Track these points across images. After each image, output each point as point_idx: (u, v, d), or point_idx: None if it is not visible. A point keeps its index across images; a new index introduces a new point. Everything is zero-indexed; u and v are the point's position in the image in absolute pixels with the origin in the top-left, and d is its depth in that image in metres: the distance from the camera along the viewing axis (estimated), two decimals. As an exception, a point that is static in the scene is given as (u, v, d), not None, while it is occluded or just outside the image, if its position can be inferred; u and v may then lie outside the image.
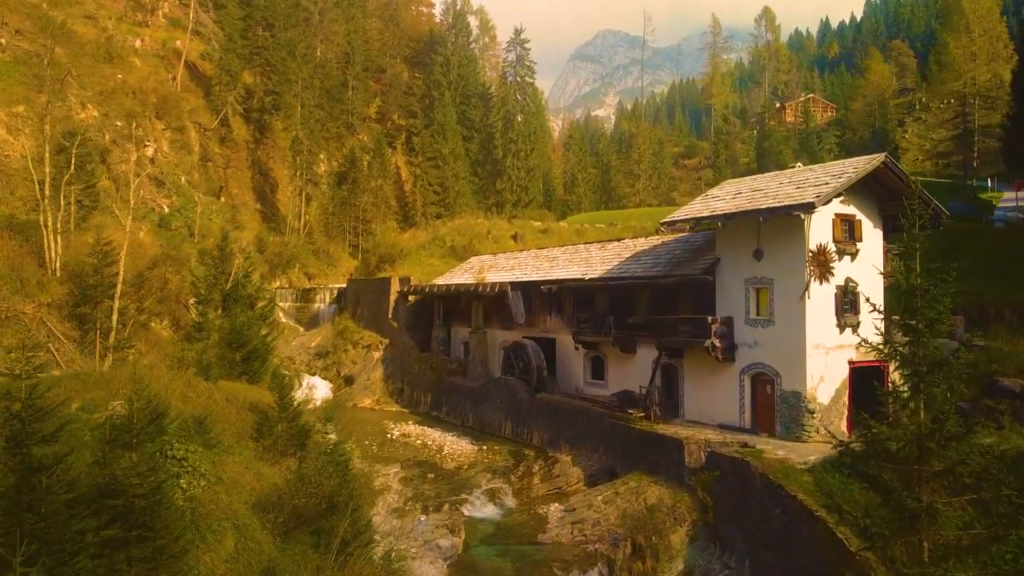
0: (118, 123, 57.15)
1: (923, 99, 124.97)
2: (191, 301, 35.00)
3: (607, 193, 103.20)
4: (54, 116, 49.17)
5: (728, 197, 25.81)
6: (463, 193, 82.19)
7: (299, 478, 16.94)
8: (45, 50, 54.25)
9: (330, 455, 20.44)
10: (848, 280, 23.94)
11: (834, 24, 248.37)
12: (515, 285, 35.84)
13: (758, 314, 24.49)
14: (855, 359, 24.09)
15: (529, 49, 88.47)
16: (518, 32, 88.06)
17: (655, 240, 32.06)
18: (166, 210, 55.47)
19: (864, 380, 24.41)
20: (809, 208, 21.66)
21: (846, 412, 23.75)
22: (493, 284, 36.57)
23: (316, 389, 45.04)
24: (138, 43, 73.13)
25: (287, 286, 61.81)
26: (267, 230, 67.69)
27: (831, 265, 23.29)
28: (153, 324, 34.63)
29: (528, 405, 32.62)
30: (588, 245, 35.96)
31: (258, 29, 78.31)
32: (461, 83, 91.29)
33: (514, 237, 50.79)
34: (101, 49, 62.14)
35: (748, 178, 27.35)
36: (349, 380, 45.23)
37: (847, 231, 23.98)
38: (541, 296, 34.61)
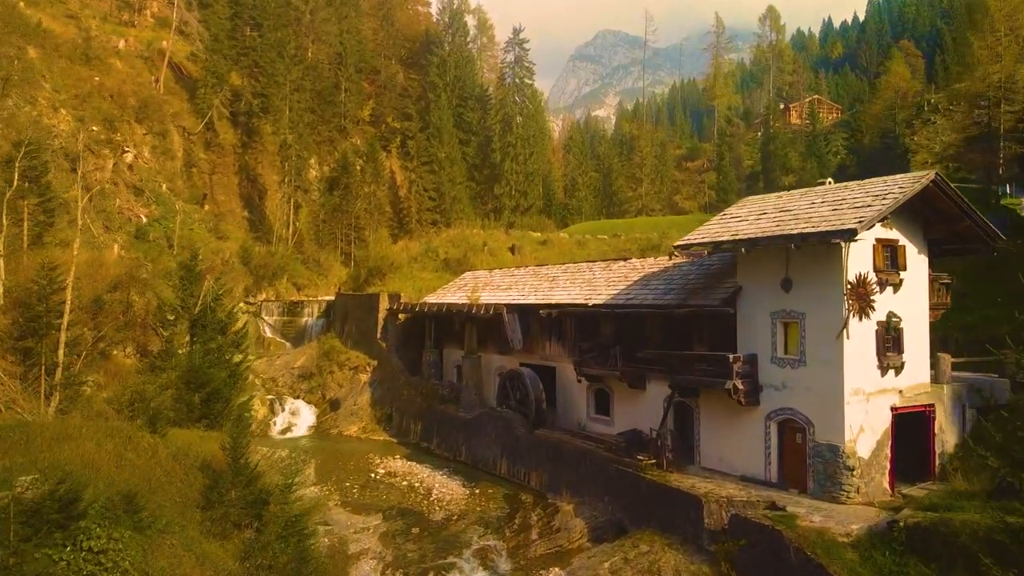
0: (94, 128, 54.13)
1: (932, 100, 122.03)
2: (158, 327, 31.97)
3: (608, 198, 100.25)
4: (20, 121, 46.38)
5: (751, 218, 22.80)
6: (459, 199, 79.19)
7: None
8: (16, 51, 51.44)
9: (290, 527, 17.54)
10: (891, 315, 20.95)
11: (836, 24, 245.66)
12: (511, 308, 32.85)
13: (786, 352, 21.49)
14: (898, 405, 21.10)
15: (528, 50, 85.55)
16: (516, 32, 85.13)
17: (665, 261, 29.04)
18: (144, 220, 52.47)
19: (905, 427, 21.51)
20: (850, 235, 18.66)
21: (888, 466, 20.75)
22: (488, 306, 33.58)
23: (300, 415, 42.22)
24: (122, 44, 70.10)
25: (274, 299, 58.81)
26: (253, 240, 64.60)
27: (872, 298, 20.28)
28: (115, 352, 31.64)
29: (525, 442, 29.63)
30: (592, 264, 32.97)
31: (246, 29, 75.30)
32: (458, 85, 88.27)
33: (512, 249, 47.81)
34: (78, 50, 59.11)
35: (772, 196, 24.33)
36: (335, 404, 42.24)
37: (889, 258, 20.99)
38: (540, 320, 31.63)
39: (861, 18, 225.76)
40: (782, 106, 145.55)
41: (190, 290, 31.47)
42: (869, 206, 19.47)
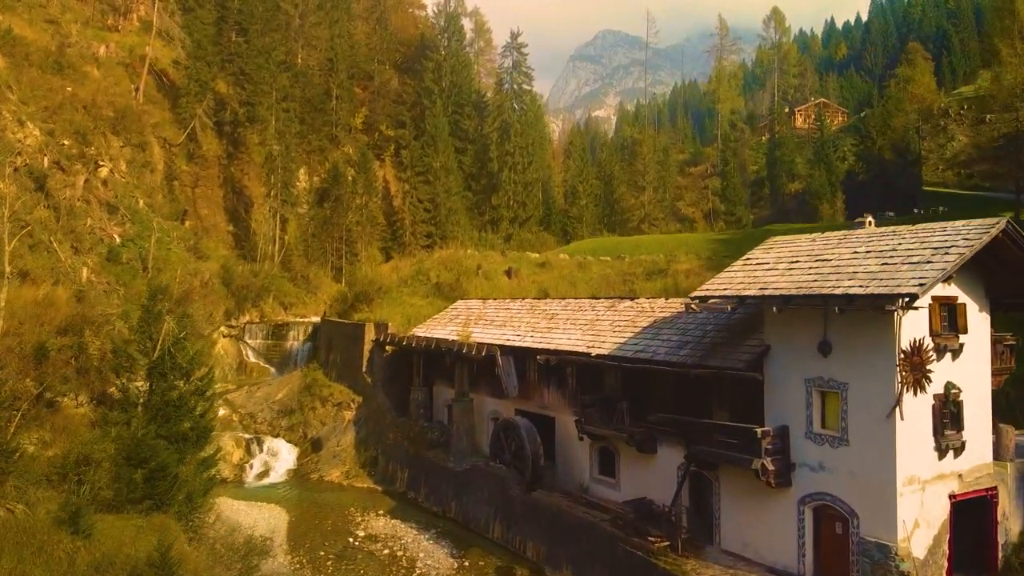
0: (65, 142, 51.02)
1: (943, 104, 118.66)
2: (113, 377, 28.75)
3: (610, 206, 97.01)
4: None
5: (781, 266, 19.63)
6: (455, 210, 75.99)
7: None
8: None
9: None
10: (949, 385, 17.79)
11: (839, 24, 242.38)
12: (506, 350, 29.68)
13: (824, 427, 18.33)
14: (958, 491, 17.95)
15: (527, 54, 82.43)
16: (515, 36, 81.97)
17: (676, 303, 25.87)
18: (117, 240, 49.24)
19: (963, 514, 18.33)
20: (909, 301, 15.49)
21: (946, 564, 17.60)
22: (480, 346, 30.41)
23: (279, 456, 39.06)
24: (102, 50, 66.95)
25: (258, 320, 55.67)
26: (238, 256, 61.53)
27: (928, 368, 17.11)
28: (65, 402, 28.44)
29: (521, 505, 26.47)
30: (595, 303, 29.80)
31: (231, 34, 72.14)
32: (454, 91, 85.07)
33: (508, 272, 44.65)
34: (50, 59, 55.91)
35: (804, 238, 21.10)
36: (316, 445, 39.07)
37: (948, 320, 17.83)
38: (538, 365, 28.48)
39: (864, 18, 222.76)
40: (787, 110, 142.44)
41: (149, 332, 28.35)
42: (928, 262, 16.28)
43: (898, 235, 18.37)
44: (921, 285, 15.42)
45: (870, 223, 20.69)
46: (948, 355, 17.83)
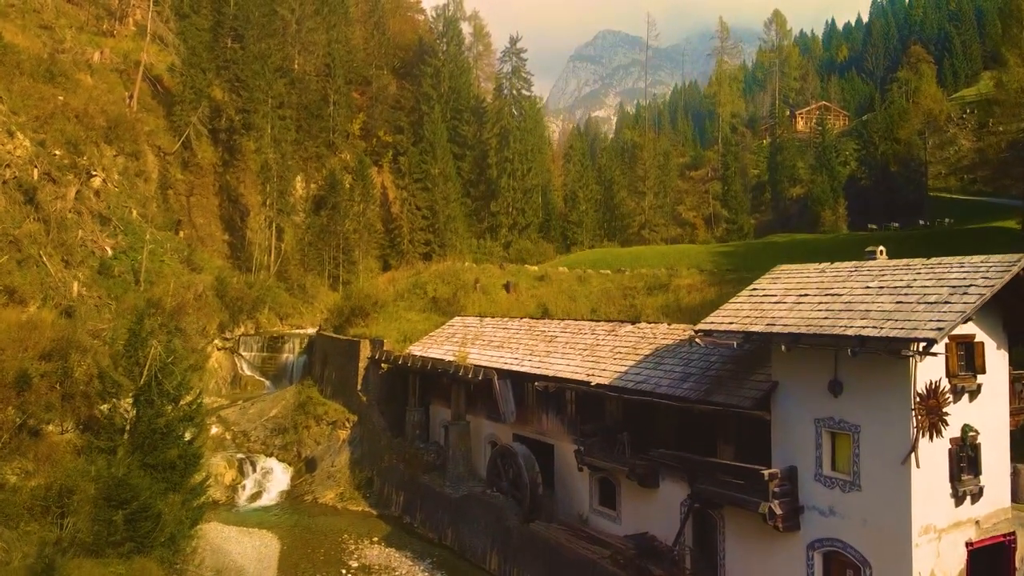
0: (56, 152, 50.16)
1: (945, 109, 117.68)
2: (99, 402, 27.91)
3: (610, 211, 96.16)
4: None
5: (789, 299, 18.81)
6: (454, 217, 75.18)
7: None
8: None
9: None
10: (966, 428, 16.98)
11: (839, 25, 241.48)
12: (503, 374, 28.86)
13: (835, 470, 17.52)
14: (975, 539, 17.14)
15: (525, 60, 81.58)
16: (514, 41, 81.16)
17: (679, 330, 25.04)
18: (109, 252, 48.44)
19: (979, 561, 17.52)
20: (926, 347, 14.68)
21: (963, 615, 16.79)
22: (477, 369, 29.61)
23: (272, 476, 38.25)
24: (96, 56, 66.11)
25: (253, 332, 54.88)
26: (233, 266, 60.73)
27: (945, 411, 16.29)
28: (50, 429, 27.63)
29: (519, 536, 25.65)
30: (595, 326, 28.97)
31: (227, 40, 71.29)
32: (452, 96, 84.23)
33: (506, 287, 43.83)
34: (42, 67, 55.03)
35: (813, 268, 20.23)
36: (311, 465, 38.25)
37: (965, 359, 17.03)
38: (536, 389, 27.66)
39: (865, 19, 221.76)
40: (788, 112, 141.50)
41: (136, 356, 27.56)
42: (946, 302, 15.46)
43: (912, 269, 17.54)
44: (939, 330, 14.60)
45: (881, 252, 19.87)
46: (965, 396, 17.02)
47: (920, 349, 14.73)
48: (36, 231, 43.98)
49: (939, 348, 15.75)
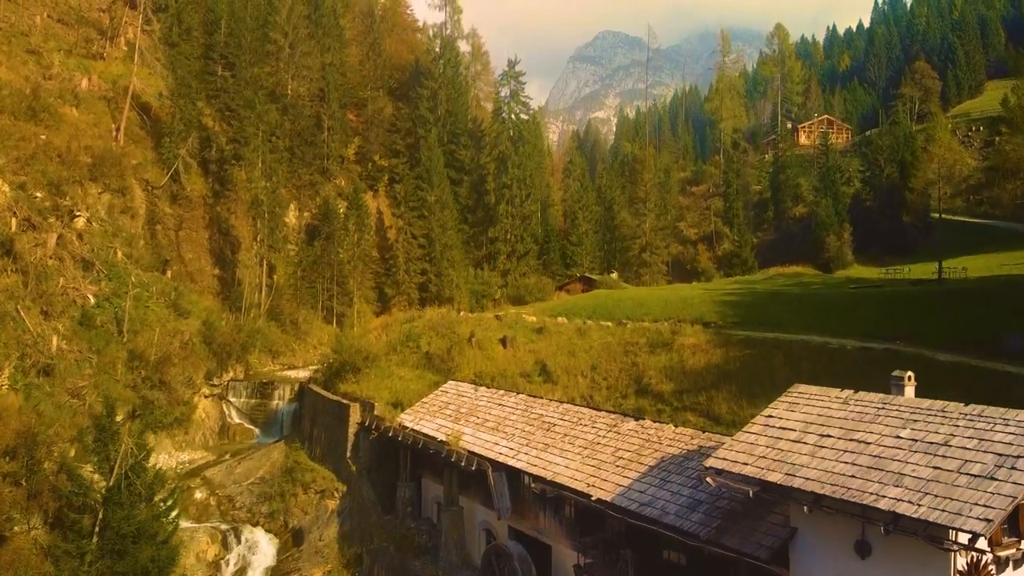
0: (37, 195, 48.44)
1: (949, 125, 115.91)
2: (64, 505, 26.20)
3: (611, 231, 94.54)
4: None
5: (809, 440, 17.10)
6: (451, 246, 73.39)
7: None
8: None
9: None
10: (1009, 603, 15.28)
11: (840, 30, 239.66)
12: (498, 465, 27.15)
13: (862, 639, 15.81)
14: None
15: (524, 83, 79.79)
16: (512, 64, 79.37)
17: (686, 436, 23.33)
18: (92, 301, 46.70)
19: None
20: (970, 542, 12.97)
21: None
22: (471, 458, 27.94)
23: (258, 549, 36.57)
24: (84, 83, 64.29)
25: (242, 378, 53.21)
26: (222, 307, 58.90)
27: (987, 588, 14.58)
28: (15, 530, 25.93)
29: (514, 649, 24.01)
30: (595, 416, 27.27)
31: (217, 68, 69.48)
32: (450, 119, 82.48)
33: (503, 341, 42.15)
34: (24, 103, 53.21)
35: (835, 397, 18.43)
36: (298, 537, 36.57)
37: (1009, 524, 15.26)
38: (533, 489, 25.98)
39: (866, 24, 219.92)
40: (790, 126, 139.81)
41: (105, 452, 25.91)
42: (992, 478, 13.76)
43: (949, 419, 15.81)
44: (987, 521, 12.92)
45: (909, 378, 18.15)
46: (1009, 566, 15.31)
47: (964, 546, 13.02)
48: (13, 284, 42.29)
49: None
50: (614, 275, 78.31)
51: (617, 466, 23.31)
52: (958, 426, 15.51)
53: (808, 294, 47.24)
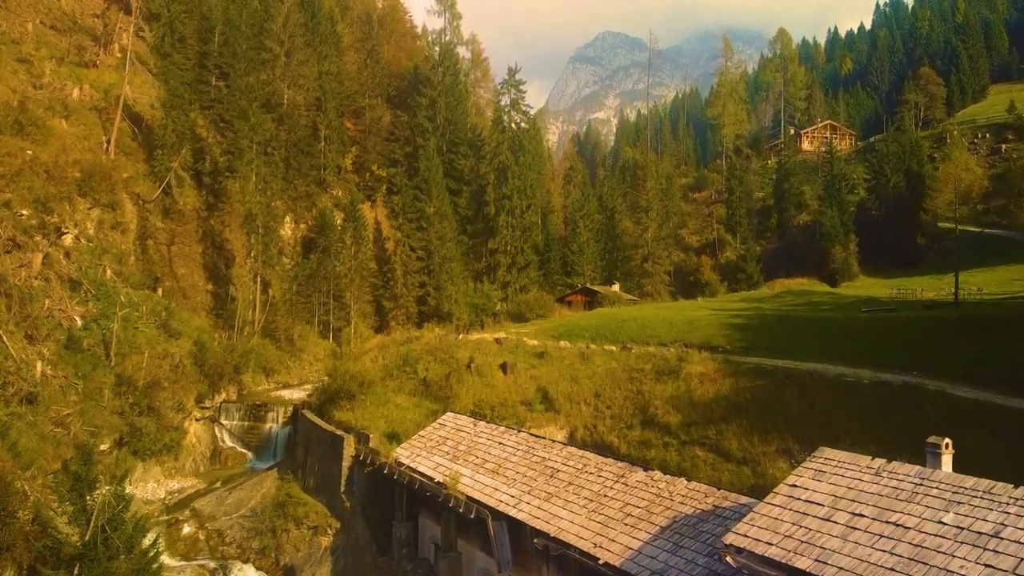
0: (23, 212, 46.92)
1: (955, 132, 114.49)
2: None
3: (612, 240, 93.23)
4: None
5: (839, 519, 15.64)
6: (450, 258, 71.95)
7: None
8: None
9: None
10: None
11: (841, 33, 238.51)
12: (498, 515, 25.70)
13: None
14: None
15: (525, 92, 78.33)
16: (512, 73, 77.94)
17: (697, 491, 21.88)
18: (78, 323, 45.16)
19: None
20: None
21: None
22: (469, 505, 26.49)
23: (247, 589, 35.10)
24: (76, 92, 62.79)
25: (234, 399, 51.73)
26: (214, 325, 57.41)
27: None
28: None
29: None
30: (601, 464, 25.80)
31: (211, 78, 67.95)
32: (449, 128, 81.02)
33: (503, 367, 40.71)
34: (11, 117, 51.64)
35: (866, 467, 16.93)
36: (290, 575, 35.11)
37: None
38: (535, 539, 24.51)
39: (868, 26, 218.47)
40: (793, 132, 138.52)
41: (81, 504, 24.40)
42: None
43: (997, 503, 14.34)
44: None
45: (947, 446, 16.68)
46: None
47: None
48: (-6, 310, 40.87)
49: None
50: (616, 287, 76.87)
51: (626, 524, 21.85)
52: (1009, 513, 14.04)
53: (818, 318, 45.75)
